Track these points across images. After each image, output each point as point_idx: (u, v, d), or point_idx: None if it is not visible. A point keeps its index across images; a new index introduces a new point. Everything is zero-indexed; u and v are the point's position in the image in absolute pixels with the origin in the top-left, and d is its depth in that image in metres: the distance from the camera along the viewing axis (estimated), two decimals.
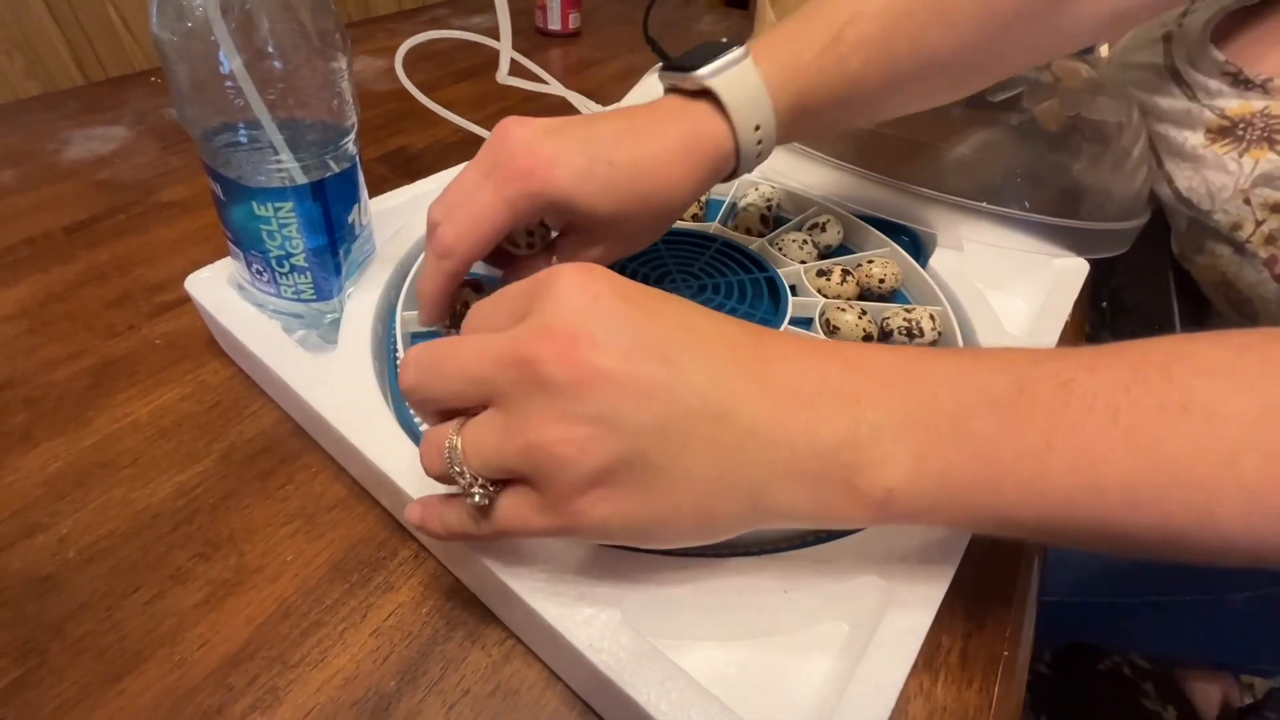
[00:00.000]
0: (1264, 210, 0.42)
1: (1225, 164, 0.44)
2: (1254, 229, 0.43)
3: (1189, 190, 0.46)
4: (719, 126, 0.28)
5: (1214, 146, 0.44)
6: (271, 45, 0.25)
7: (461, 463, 0.19)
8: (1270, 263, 0.43)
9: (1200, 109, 0.45)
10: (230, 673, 0.23)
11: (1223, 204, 0.44)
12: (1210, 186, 0.45)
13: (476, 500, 0.19)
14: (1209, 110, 0.44)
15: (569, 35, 0.84)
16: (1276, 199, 0.42)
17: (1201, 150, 0.45)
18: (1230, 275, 0.47)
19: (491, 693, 0.23)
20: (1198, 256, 0.49)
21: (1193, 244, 0.49)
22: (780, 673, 0.23)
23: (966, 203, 0.41)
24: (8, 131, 0.53)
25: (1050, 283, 0.40)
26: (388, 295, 0.34)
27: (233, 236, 0.30)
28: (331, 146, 0.29)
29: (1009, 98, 0.42)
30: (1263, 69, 0.43)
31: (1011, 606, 0.27)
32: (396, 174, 0.53)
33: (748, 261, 0.38)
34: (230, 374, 0.34)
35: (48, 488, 0.28)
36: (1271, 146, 0.42)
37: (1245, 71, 0.43)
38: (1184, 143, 0.46)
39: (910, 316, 0.35)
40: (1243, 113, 0.43)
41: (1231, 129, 0.43)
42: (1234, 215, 0.44)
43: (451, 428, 0.20)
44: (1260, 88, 0.43)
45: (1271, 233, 0.42)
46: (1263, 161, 0.42)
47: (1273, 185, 0.42)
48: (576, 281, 0.19)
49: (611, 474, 0.18)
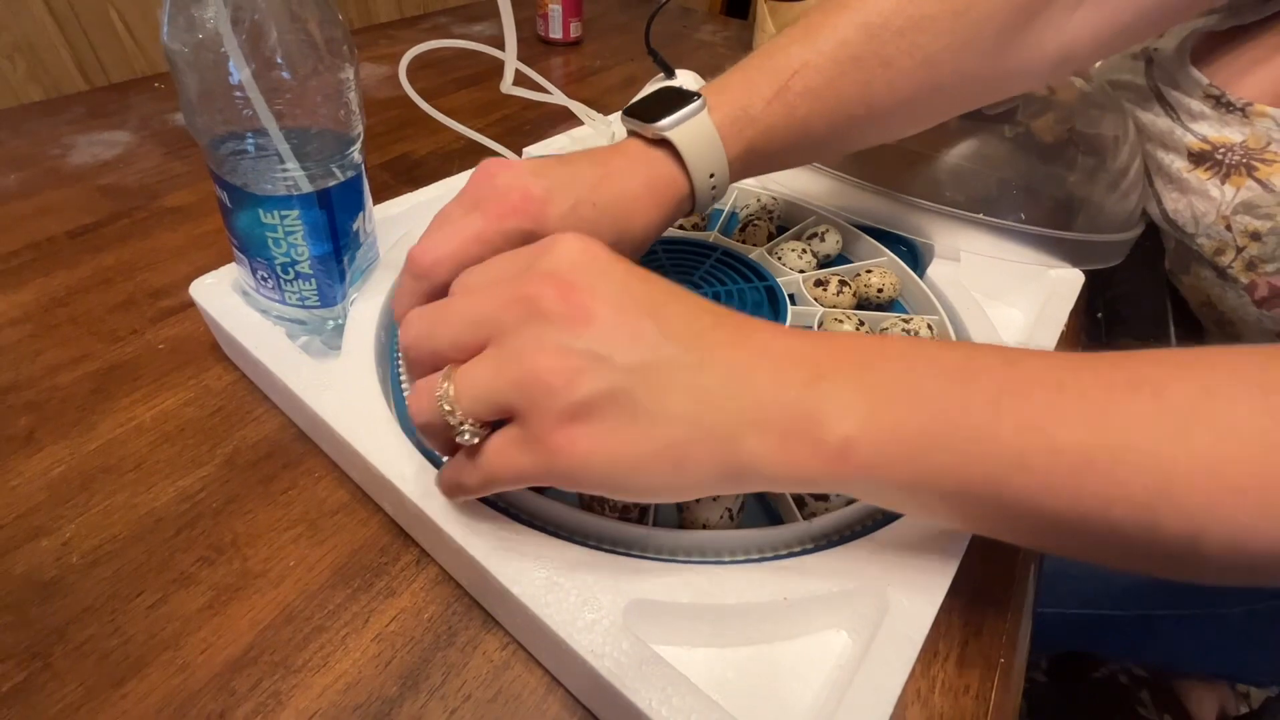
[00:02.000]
0: (1244, 237, 0.43)
1: (1208, 190, 0.44)
2: (1235, 255, 0.44)
3: (1175, 213, 0.47)
4: (677, 174, 0.30)
5: (1197, 171, 0.45)
6: (280, 56, 0.26)
7: (452, 401, 0.20)
8: (1251, 288, 0.44)
9: (1183, 132, 0.46)
10: (233, 677, 0.23)
11: (1206, 229, 0.45)
12: (1195, 211, 0.45)
13: (466, 438, 0.20)
14: (1190, 134, 0.45)
15: (570, 43, 0.85)
16: (1256, 227, 0.43)
17: (1185, 174, 0.46)
18: (1214, 297, 0.48)
19: (493, 698, 0.23)
20: (1184, 276, 0.50)
21: (1180, 264, 0.50)
22: (780, 679, 0.23)
23: (963, 214, 0.41)
24: (12, 136, 0.54)
25: (1046, 293, 0.40)
26: (391, 302, 0.34)
27: (238, 243, 0.30)
28: (337, 155, 0.29)
29: (1004, 111, 0.42)
30: (1244, 92, 0.43)
31: (1008, 614, 0.27)
32: (399, 181, 0.53)
33: (747, 270, 0.38)
34: (233, 379, 0.34)
35: (51, 492, 0.28)
36: (1251, 174, 0.43)
37: (1227, 94, 0.44)
38: (1170, 165, 0.47)
39: (908, 326, 0.35)
40: (1223, 141, 0.44)
41: (1211, 154, 0.44)
42: (1216, 240, 0.45)
43: (441, 375, 0.21)
44: (1240, 111, 0.43)
45: (1252, 259, 0.43)
46: (1243, 189, 0.43)
47: (1253, 213, 0.42)
48: (578, 243, 0.21)
49: (596, 407, 0.19)
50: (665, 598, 0.23)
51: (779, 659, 0.24)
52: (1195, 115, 0.45)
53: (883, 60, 0.30)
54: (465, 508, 0.24)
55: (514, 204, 0.26)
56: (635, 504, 0.25)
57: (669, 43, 0.89)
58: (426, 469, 0.26)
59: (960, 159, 0.43)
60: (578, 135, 0.53)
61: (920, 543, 0.25)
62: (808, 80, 0.30)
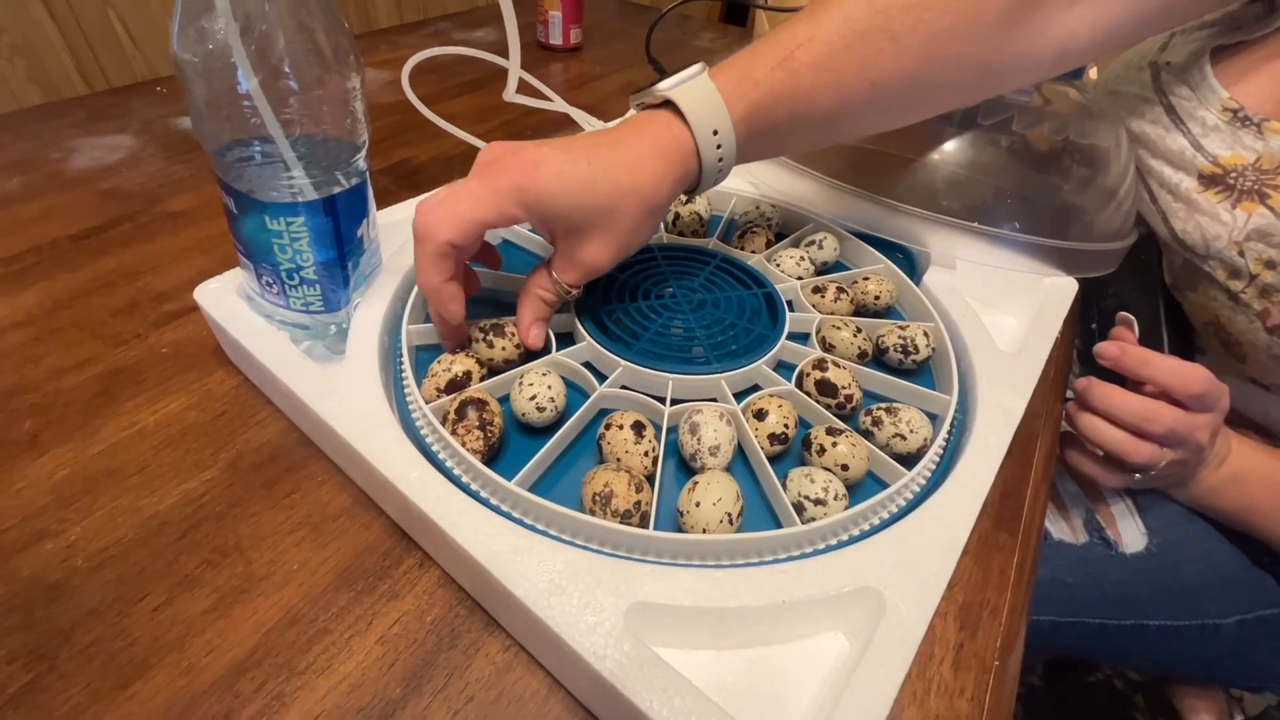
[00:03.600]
0: (1258, 265, 0.43)
1: (1219, 214, 0.44)
2: (1248, 281, 0.44)
3: (1184, 233, 0.46)
4: (681, 131, 0.31)
5: (1207, 193, 0.44)
6: (287, 65, 0.26)
7: None
8: (1263, 315, 0.44)
9: (1194, 154, 0.45)
10: (238, 679, 0.23)
11: (1217, 252, 0.44)
12: (1205, 233, 0.45)
13: None
14: (1201, 156, 0.44)
15: (570, 50, 0.85)
16: (1271, 255, 0.42)
17: (1195, 195, 0.45)
18: (1223, 319, 0.47)
19: (495, 699, 0.23)
20: (1191, 294, 0.50)
21: (1187, 282, 0.49)
22: (778, 680, 0.23)
23: (959, 222, 0.42)
24: (14, 140, 0.54)
25: (1040, 301, 0.41)
26: (394, 307, 0.34)
27: (244, 249, 0.31)
28: (343, 163, 0.30)
29: (1000, 121, 0.43)
30: (1262, 108, 0.43)
31: (1003, 618, 0.27)
32: (400, 186, 0.53)
33: (745, 277, 0.39)
34: (236, 383, 0.34)
35: (55, 495, 0.29)
36: (1263, 200, 0.42)
37: (1246, 109, 0.43)
38: (1178, 184, 0.46)
39: (904, 333, 0.36)
40: (1234, 163, 0.43)
41: (1223, 177, 0.44)
42: (1229, 264, 0.44)
43: None
44: (1256, 128, 0.43)
45: (1266, 287, 0.43)
46: (1255, 216, 0.42)
47: (1267, 241, 0.42)
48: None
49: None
50: (666, 601, 0.23)
51: (777, 661, 0.24)
52: (1208, 129, 0.45)
53: (889, 35, 0.30)
54: (467, 510, 0.25)
55: (507, 167, 0.28)
56: (636, 508, 0.26)
57: (668, 50, 0.90)
58: (429, 472, 0.26)
59: (956, 168, 0.43)
60: None
61: (917, 547, 0.26)
62: (813, 52, 0.30)
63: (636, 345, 0.33)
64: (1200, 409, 0.39)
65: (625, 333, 0.35)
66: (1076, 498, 0.53)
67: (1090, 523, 0.52)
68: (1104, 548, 0.51)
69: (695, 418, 0.29)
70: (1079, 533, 0.52)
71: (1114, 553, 0.50)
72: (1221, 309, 0.47)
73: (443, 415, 0.29)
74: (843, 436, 0.29)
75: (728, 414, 0.30)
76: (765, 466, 0.29)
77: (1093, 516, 0.52)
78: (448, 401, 0.29)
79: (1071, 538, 0.51)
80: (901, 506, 0.28)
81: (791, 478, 0.28)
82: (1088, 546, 0.51)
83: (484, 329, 0.32)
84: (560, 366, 0.32)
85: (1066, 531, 0.52)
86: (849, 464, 0.29)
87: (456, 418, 0.28)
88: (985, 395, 0.33)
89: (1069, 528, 0.52)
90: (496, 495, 0.26)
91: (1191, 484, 0.46)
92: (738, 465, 0.30)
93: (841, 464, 0.29)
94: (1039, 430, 0.36)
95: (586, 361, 0.33)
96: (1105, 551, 0.51)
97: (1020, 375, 0.35)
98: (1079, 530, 0.52)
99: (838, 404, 0.32)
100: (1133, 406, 0.39)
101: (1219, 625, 0.50)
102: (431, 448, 0.28)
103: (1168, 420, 0.39)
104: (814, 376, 0.33)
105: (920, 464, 0.30)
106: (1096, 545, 0.51)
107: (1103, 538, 0.51)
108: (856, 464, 0.29)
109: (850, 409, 0.32)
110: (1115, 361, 0.40)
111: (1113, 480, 0.44)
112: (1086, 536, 0.51)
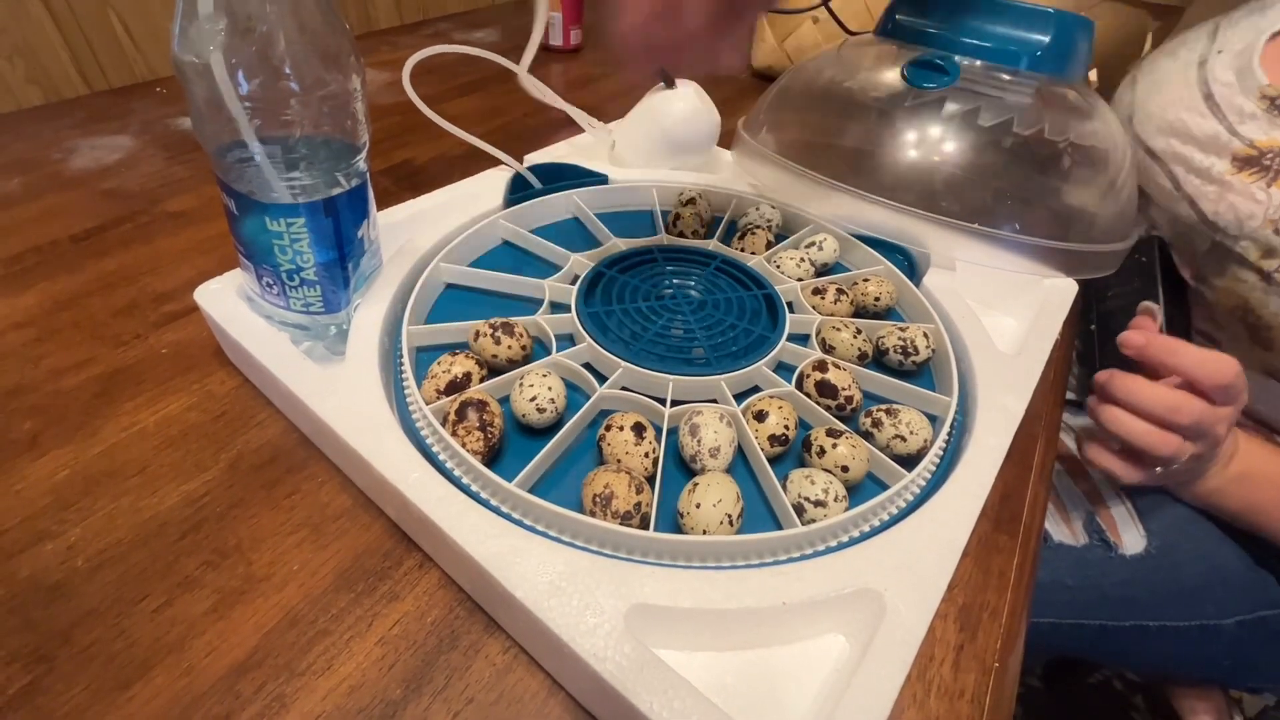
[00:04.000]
0: None
1: (1254, 193, 0.43)
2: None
3: (1215, 215, 0.45)
4: None
5: (1241, 175, 0.44)
6: (288, 66, 0.26)
7: None
8: None
9: (1229, 137, 0.44)
10: (238, 680, 0.23)
11: (1251, 232, 0.44)
12: (1239, 213, 0.44)
13: None
14: (1237, 139, 0.44)
15: (571, 51, 0.85)
16: None
17: (1228, 177, 0.44)
18: (1253, 302, 0.47)
19: (495, 701, 0.23)
20: (1217, 279, 0.49)
21: (1214, 267, 0.49)
22: (778, 682, 0.23)
23: (959, 224, 0.42)
24: (13, 140, 0.54)
25: (1040, 302, 0.41)
26: (394, 308, 0.34)
27: (244, 250, 0.31)
28: (344, 164, 0.30)
29: (1000, 123, 0.43)
30: None
31: (1003, 619, 0.27)
32: (400, 187, 0.53)
33: (746, 278, 0.39)
34: (236, 384, 0.34)
35: (55, 496, 0.29)
36: None
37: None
38: (1209, 168, 0.45)
39: (904, 335, 0.36)
40: (1270, 145, 0.43)
41: (1258, 159, 0.43)
42: (1263, 243, 0.43)
43: None
44: None
45: None
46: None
47: None
48: None
49: None
50: (666, 602, 0.23)
51: (778, 663, 0.24)
52: (1245, 116, 0.44)
53: None
54: (467, 511, 0.25)
55: None
56: (636, 509, 0.26)
57: None
58: (429, 473, 0.26)
59: (956, 169, 0.43)
60: (578, 143, 0.53)
61: (917, 548, 0.26)
62: None
63: (637, 346, 0.33)
64: (1224, 401, 0.38)
65: (625, 334, 0.35)
66: (1076, 500, 0.53)
67: (1090, 525, 0.52)
68: (1104, 550, 0.51)
69: (695, 419, 0.29)
70: (1079, 535, 0.52)
71: (1114, 554, 0.50)
72: (1252, 291, 0.46)
73: (443, 416, 0.29)
74: (843, 438, 0.29)
75: (728, 415, 0.30)
76: (765, 468, 0.29)
77: (1093, 519, 0.52)
78: (448, 402, 0.29)
79: (1071, 540, 0.51)
80: (901, 508, 0.28)
81: (792, 479, 0.28)
82: (1087, 548, 0.51)
83: (493, 325, 0.32)
84: (560, 368, 0.32)
85: (1066, 533, 0.52)
86: (849, 465, 0.29)
87: (457, 419, 0.28)
88: (985, 397, 0.33)
89: (1069, 530, 0.52)
90: (497, 496, 0.26)
91: (1199, 482, 0.45)
92: (738, 467, 0.30)
93: (842, 465, 0.29)
94: (1039, 432, 0.36)
95: (586, 363, 0.33)
96: (1105, 553, 0.51)
97: (1020, 377, 0.35)
98: (1079, 532, 0.52)
99: (838, 405, 0.32)
100: (1158, 397, 0.38)
101: (1219, 626, 0.50)
102: (432, 449, 0.28)
103: (1195, 411, 0.38)
104: (814, 378, 0.33)
105: (920, 465, 0.30)
106: (1096, 547, 0.51)
107: (1103, 540, 0.51)
108: (857, 465, 0.29)
109: (850, 410, 0.32)
110: (1140, 350, 0.39)
111: (1133, 476, 0.43)
112: (1086, 538, 0.51)
